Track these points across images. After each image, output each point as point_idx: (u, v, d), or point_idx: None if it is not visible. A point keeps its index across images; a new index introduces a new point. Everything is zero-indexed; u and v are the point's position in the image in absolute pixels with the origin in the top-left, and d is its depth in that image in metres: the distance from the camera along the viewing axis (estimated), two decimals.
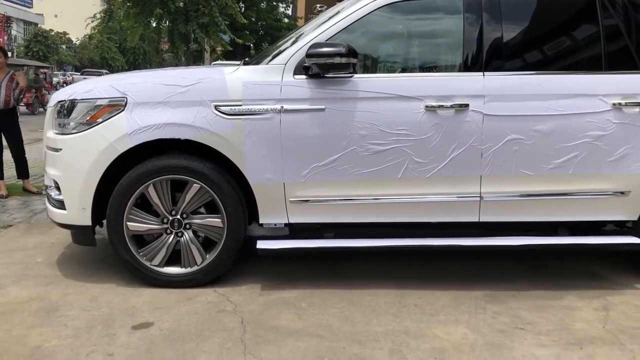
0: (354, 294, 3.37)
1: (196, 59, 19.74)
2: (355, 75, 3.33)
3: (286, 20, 29.50)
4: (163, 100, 3.29)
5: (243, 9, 26.04)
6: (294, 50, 3.38)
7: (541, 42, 3.55)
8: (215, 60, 19.14)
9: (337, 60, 3.19)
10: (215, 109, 3.27)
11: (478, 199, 3.40)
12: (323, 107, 3.29)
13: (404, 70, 3.61)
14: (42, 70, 24.07)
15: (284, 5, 30.29)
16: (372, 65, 3.67)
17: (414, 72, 3.56)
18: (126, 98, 3.30)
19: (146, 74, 3.81)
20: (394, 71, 3.60)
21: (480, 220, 3.46)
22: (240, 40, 19.89)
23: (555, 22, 3.57)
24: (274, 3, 28.66)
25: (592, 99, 3.36)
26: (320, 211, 3.42)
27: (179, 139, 3.28)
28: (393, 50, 3.72)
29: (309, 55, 3.22)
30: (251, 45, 26.29)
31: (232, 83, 3.31)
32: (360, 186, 3.37)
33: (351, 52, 3.20)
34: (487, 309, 3.18)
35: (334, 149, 3.31)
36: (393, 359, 2.62)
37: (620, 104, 3.36)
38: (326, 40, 3.34)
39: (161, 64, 23.76)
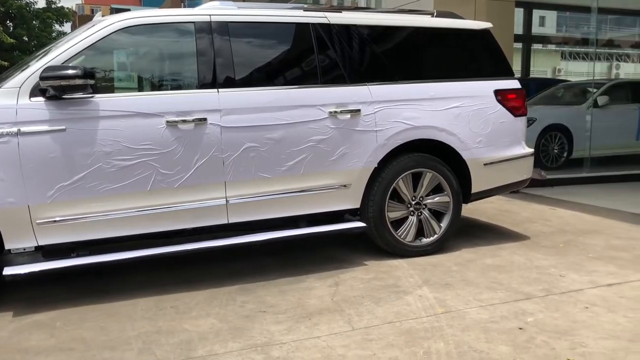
0: (114, 305, 3.49)
1: None
2: (97, 95, 3.47)
3: None
4: None
5: (11, 28, 23.89)
6: (28, 73, 3.40)
7: (268, 61, 4.06)
8: None
9: (73, 82, 3.30)
10: None
11: (224, 202, 3.77)
12: (64, 127, 3.37)
13: (145, 88, 3.84)
14: None
15: (60, 22, 28.43)
16: (114, 85, 3.84)
17: (155, 90, 3.81)
18: None
19: None
20: (135, 90, 3.82)
21: (230, 221, 3.83)
22: (5, 62, 18.23)
23: (279, 44, 4.11)
24: (48, 21, 26.76)
25: (313, 108, 3.94)
26: (72, 230, 3.47)
27: None
28: (134, 70, 3.94)
29: (42, 78, 3.29)
30: None
31: None
32: (110, 201, 3.51)
33: (87, 74, 3.34)
34: (237, 300, 3.54)
35: (79, 167, 3.41)
36: (142, 356, 2.82)
37: (335, 112, 4.00)
38: (63, 63, 3.43)
39: None
